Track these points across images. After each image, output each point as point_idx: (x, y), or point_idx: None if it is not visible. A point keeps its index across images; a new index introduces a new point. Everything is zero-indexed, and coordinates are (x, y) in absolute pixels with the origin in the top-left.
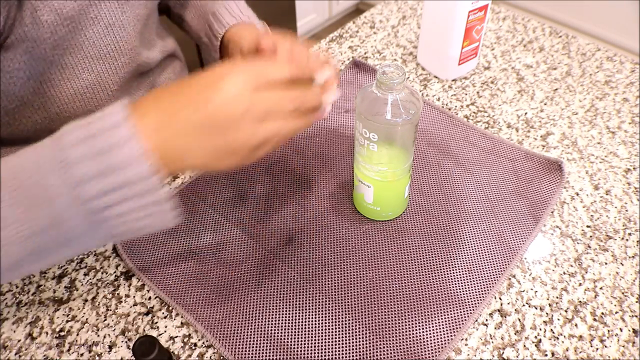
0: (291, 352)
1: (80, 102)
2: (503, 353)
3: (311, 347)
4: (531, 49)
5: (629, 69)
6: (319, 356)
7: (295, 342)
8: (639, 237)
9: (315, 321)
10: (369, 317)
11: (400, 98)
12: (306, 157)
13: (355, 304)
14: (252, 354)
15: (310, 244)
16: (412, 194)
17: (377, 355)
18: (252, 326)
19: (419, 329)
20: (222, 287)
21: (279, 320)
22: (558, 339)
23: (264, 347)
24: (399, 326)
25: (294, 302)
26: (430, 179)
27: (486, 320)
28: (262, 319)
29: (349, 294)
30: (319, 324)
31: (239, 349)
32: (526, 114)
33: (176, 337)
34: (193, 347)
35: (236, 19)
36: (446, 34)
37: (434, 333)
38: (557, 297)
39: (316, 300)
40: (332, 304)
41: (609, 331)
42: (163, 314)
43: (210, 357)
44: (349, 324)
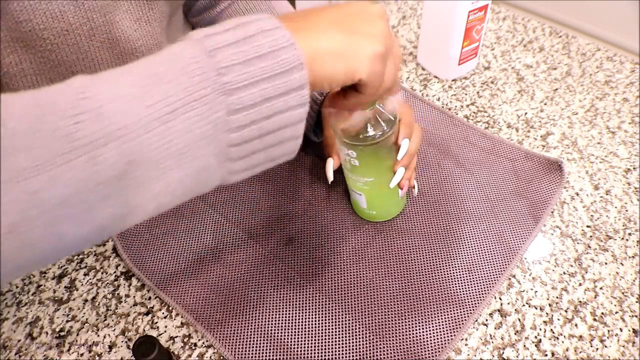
0: (291, 352)
1: None
2: (503, 353)
3: (311, 347)
4: (531, 49)
5: (629, 69)
6: (319, 356)
7: (295, 342)
8: (639, 237)
9: (315, 321)
10: (369, 317)
11: (369, 119)
12: (306, 157)
13: (355, 304)
14: (252, 354)
15: (310, 244)
16: (411, 193)
17: (377, 355)
18: (252, 326)
19: (419, 329)
20: (222, 287)
21: (279, 320)
22: (558, 339)
23: (264, 347)
24: (399, 326)
25: (294, 302)
26: (430, 179)
27: (486, 320)
28: (262, 319)
29: (349, 294)
30: (319, 324)
31: (239, 349)
32: (526, 114)
33: (176, 337)
34: (193, 347)
35: None
36: (446, 34)
37: (434, 333)
38: (557, 297)
39: (316, 300)
40: (332, 304)
41: (609, 331)
42: (163, 314)
43: (210, 357)
44: (349, 324)
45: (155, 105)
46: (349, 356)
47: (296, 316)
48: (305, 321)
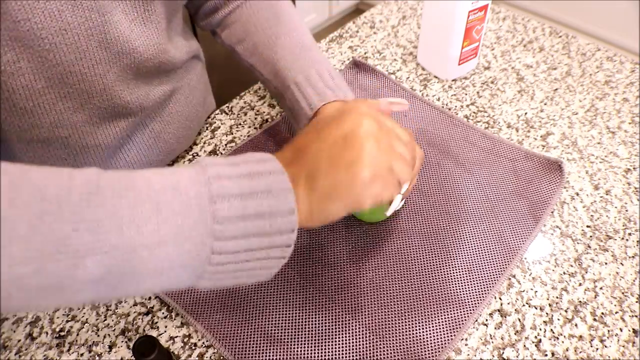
0: (291, 352)
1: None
2: (503, 353)
3: (311, 347)
4: (531, 49)
5: (629, 69)
6: (319, 356)
7: (295, 342)
8: (639, 237)
9: (315, 321)
10: (369, 317)
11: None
12: None
13: (355, 304)
14: (252, 354)
15: (310, 244)
16: (411, 193)
17: (377, 355)
18: (252, 326)
19: (419, 329)
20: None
21: (279, 320)
22: (558, 339)
23: (264, 347)
24: (399, 326)
25: (294, 302)
26: (430, 179)
27: (486, 320)
28: (262, 319)
29: (349, 294)
30: (319, 324)
31: (239, 349)
32: (526, 114)
33: (176, 337)
34: (193, 347)
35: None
36: (446, 34)
37: (434, 333)
38: (557, 297)
39: (316, 300)
40: (332, 304)
41: (609, 331)
42: (163, 314)
43: (210, 357)
44: (349, 324)
45: (147, 234)
46: (349, 356)
47: (296, 316)
48: (305, 321)
